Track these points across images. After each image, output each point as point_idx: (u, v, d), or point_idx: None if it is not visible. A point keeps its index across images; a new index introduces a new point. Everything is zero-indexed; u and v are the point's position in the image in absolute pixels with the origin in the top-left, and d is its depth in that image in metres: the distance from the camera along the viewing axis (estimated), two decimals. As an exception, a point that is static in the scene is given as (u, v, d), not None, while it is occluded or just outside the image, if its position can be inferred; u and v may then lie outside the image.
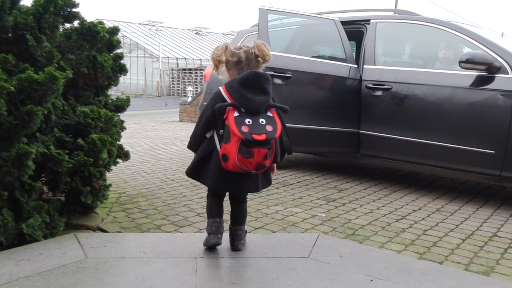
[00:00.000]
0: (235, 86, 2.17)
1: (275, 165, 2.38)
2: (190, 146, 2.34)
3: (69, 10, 2.92)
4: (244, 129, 2.06)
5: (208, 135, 2.27)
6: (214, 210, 2.38)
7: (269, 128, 2.10)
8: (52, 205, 2.68)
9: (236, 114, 2.10)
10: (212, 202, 2.40)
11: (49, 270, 2.10)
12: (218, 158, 2.18)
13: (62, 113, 2.89)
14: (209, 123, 2.23)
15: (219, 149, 2.18)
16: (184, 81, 30.14)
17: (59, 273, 2.07)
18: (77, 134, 2.81)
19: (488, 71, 3.53)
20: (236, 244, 2.40)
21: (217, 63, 2.25)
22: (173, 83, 31.83)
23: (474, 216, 3.37)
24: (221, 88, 2.25)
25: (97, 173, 2.87)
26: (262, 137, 2.06)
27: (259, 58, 2.25)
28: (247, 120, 2.08)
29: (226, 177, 2.20)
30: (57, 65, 2.82)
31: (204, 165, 2.26)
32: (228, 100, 2.18)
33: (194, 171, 2.31)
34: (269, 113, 2.16)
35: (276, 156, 2.26)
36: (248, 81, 2.15)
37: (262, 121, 2.11)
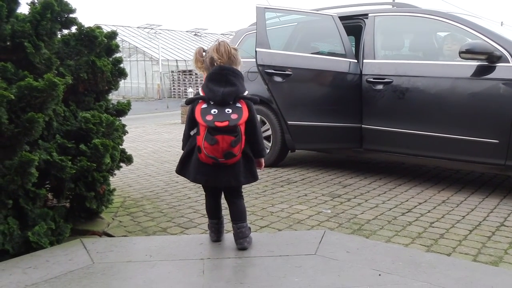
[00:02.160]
0: (205, 82, 2.33)
1: (262, 160, 2.44)
2: (182, 147, 2.46)
3: (66, 16, 2.92)
4: (208, 117, 2.19)
5: (192, 133, 2.37)
6: (211, 211, 2.53)
7: (233, 116, 2.19)
8: (57, 211, 2.68)
9: (203, 106, 2.24)
10: (208, 203, 2.53)
11: (56, 277, 2.10)
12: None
13: (63, 119, 2.89)
14: (191, 121, 2.35)
15: None
16: (185, 83, 30.17)
17: (66, 280, 2.07)
18: (79, 139, 2.81)
19: (489, 60, 3.51)
20: (241, 242, 2.40)
21: (199, 70, 2.43)
22: (173, 85, 31.85)
23: (481, 207, 3.35)
24: (199, 88, 2.38)
25: (100, 178, 2.87)
26: (224, 123, 2.16)
27: (216, 62, 2.31)
28: (212, 111, 2.21)
29: (204, 169, 2.30)
30: (56, 72, 2.82)
31: (189, 161, 2.37)
32: None
33: (181, 168, 2.42)
34: (238, 104, 2.25)
35: (258, 149, 2.36)
36: (215, 75, 2.29)
37: (228, 111, 2.21)
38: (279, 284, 2.01)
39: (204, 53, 2.39)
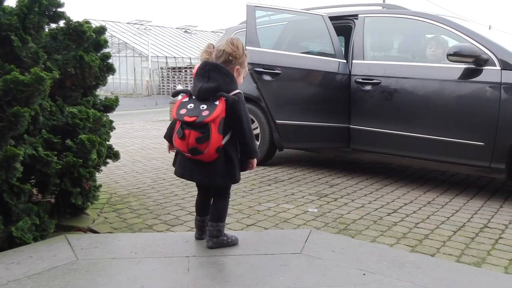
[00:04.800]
0: (193, 78, 2.32)
1: (253, 161, 2.39)
2: (164, 135, 2.48)
3: (54, 10, 2.89)
4: (182, 111, 2.20)
5: None
6: (197, 208, 2.56)
7: (204, 113, 2.15)
8: (42, 207, 2.65)
9: (185, 99, 2.26)
10: (197, 199, 2.56)
11: (39, 273, 2.08)
12: None
13: (50, 114, 2.86)
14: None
15: None
16: (174, 80, 30.00)
17: (49, 276, 2.05)
18: (66, 135, 2.78)
19: (476, 63, 3.54)
20: (208, 240, 2.41)
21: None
22: (163, 82, 31.67)
23: (465, 208, 3.39)
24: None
25: (86, 174, 2.84)
26: (192, 119, 2.14)
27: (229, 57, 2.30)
28: (189, 105, 2.21)
29: (184, 163, 2.34)
30: (43, 66, 2.79)
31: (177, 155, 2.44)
32: None
33: (174, 161, 2.49)
34: (216, 102, 2.19)
35: (247, 150, 2.32)
36: (199, 70, 2.28)
37: (203, 107, 2.18)
38: (264, 282, 2.02)
39: (213, 48, 2.34)
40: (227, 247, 2.41)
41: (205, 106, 2.17)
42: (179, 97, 2.38)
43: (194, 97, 2.25)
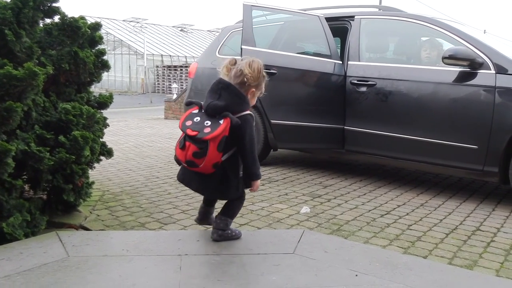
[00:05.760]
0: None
1: (255, 183, 2.40)
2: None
3: (49, 5, 2.87)
4: (188, 123, 2.24)
5: None
6: (200, 213, 2.62)
7: (206, 129, 2.18)
8: (34, 203, 2.63)
9: (194, 111, 2.30)
10: (200, 206, 2.61)
11: (30, 269, 2.06)
12: None
13: (43, 109, 2.84)
14: None
15: None
16: (169, 78, 29.96)
17: (40, 272, 2.03)
18: (59, 131, 2.76)
19: (471, 66, 3.56)
20: (213, 232, 2.48)
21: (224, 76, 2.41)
22: (158, 80, 31.61)
23: (458, 211, 3.40)
24: None
25: (79, 170, 2.82)
26: (194, 133, 2.18)
27: (245, 76, 2.32)
28: (195, 118, 2.25)
29: (185, 169, 2.39)
30: (37, 61, 2.77)
31: None
32: None
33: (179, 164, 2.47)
34: (221, 120, 2.20)
35: (248, 172, 2.35)
36: (213, 85, 2.33)
37: (207, 123, 2.21)
38: (256, 282, 2.01)
39: (234, 64, 2.38)
40: (228, 241, 2.45)
41: (209, 123, 2.20)
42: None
43: (203, 111, 2.29)
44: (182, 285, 1.96)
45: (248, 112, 2.32)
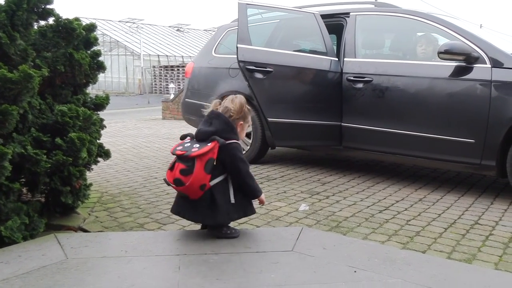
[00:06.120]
0: None
1: (261, 198, 2.54)
2: None
3: (43, 7, 2.86)
4: (178, 148, 2.42)
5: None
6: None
7: (194, 149, 2.35)
8: (32, 206, 2.63)
9: (186, 141, 2.48)
10: None
11: (28, 272, 2.06)
12: None
13: (39, 112, 2.84)
14: None
15: None
16: (166, 79, 29.95)
17: (38, 275, 2.03)
18: (55, 133, 2.76)
19: (467, 61, 3.56)
20: (212, 229, 2.54)
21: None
22: (155, 81, 31.58)
23: (456, 205, 3.40)
24: None
25: (76, 172, 2.82)
26: (182, 152, 2.36)
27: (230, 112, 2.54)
28: (186, 144, 2.43)
29: (178, 200, 2.52)
30: (32, 63, 2.76)
31: None
32: None
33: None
34: (209, 143, 2.36)
35: (247, 192, 2.49)
36: (206, 117, 2.54)
37: (195, 146, 2.37)
38: (255, 280, 2.01)
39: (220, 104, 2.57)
40: (227, 240, 2.47)
41: (198, 145, 2.37)
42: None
43: (194, 139, 2.47)
44: (181, 285, 1.96)
45: (236, 140, 2.48)
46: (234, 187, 2.45)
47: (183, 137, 2.54)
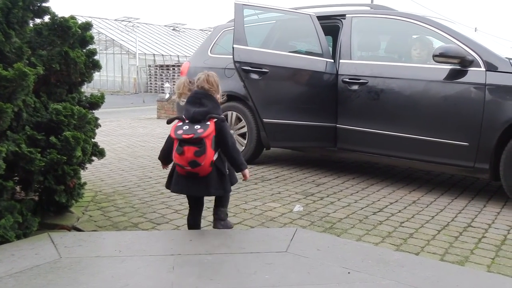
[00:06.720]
0: (184, 104, 2.62)
1: (244, 172, 2.63)
2: (159, 157, 2.75)
3: (39, 4, 2.85)
4: (179, 132, 2.47)
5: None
6: (189, 224, 2.74)
7: (199, 130, 2.44)
8: (25, 205, 2.62)
9: (179, 124, 2.53)
10: (188, 217, 2.74)
11: (21, 271, 2.05)
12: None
13: (33, 110, 2.82)
14: (169, 137, 2.59)
15: None
16: (162, 78, 29.83)
17: (31, 274, 2.02)
18: (50, 132, 2.75)
19: (461, 64, 3.58)
20: (216, 223, 2.71)
21: (179, 97, 2.69)
22: (150, 80, 31.46)
23: (449, 207, 3.42)
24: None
25: (71, 171, 2.81)
26: (190, 136, 2.42)
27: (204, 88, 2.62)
28: (185, 127, 2.49)
29: (180, 180, 2.55)
30: (27, 61, 2.75)
31: (172, 176, 2.63)
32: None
33: (168, 182, 2.67)
34: (207, 122, 2.49)
35: (235, 164, 2.60)
36: (191, 98, 2.60)
37: (197, 127, 2.46)
38: (249, 280, 2.01)
39: (190, 83, 2.66)
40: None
41: (199, 126, 2.46)
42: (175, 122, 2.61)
43: (187, 121, 2.52)
44: (175, 285, 1.96)
45: (222, 115, 2.61)
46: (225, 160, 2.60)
47: (170, 121, 2.60)
